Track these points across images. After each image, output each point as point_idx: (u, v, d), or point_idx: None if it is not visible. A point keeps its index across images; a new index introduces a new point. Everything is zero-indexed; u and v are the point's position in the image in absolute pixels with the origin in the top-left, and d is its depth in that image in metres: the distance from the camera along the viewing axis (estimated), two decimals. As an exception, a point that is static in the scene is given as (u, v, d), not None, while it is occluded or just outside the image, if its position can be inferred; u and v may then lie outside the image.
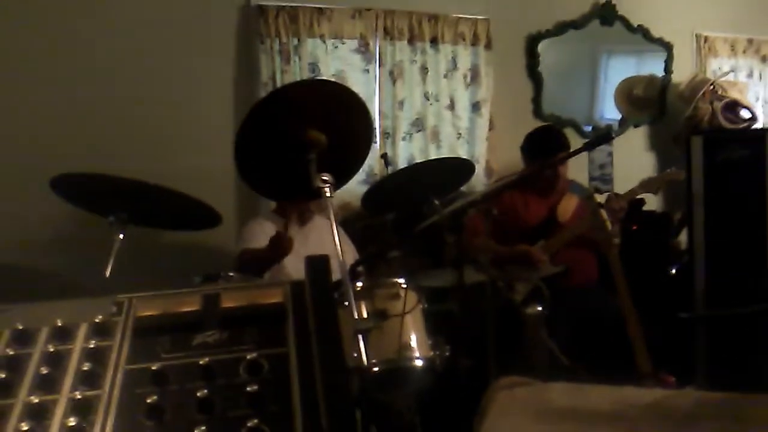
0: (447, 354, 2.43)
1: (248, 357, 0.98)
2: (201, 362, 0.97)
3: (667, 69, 4.68)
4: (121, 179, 2.27)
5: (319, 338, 1.00)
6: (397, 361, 2.35)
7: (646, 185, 3.33)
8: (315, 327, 1.02)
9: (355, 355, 1.70)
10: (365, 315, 2.37)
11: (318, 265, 1.12)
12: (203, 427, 0.88)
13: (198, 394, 0.92)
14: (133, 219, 2.35)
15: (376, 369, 2.29)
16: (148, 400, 0.92)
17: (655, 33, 4.62)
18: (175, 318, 1.07)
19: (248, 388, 0.93)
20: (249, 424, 0.88)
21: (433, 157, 3.92)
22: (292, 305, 1.09)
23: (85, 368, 0.99)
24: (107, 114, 3.35)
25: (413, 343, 2.40)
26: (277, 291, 1.12)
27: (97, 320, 1.07)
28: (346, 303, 1.78)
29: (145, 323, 1.06)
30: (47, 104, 3.25)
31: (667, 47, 4.67)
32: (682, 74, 4.66)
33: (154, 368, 0.97)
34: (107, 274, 2.25)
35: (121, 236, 2.32)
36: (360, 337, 1.74)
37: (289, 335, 1.04)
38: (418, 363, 2.39)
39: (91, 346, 1.03)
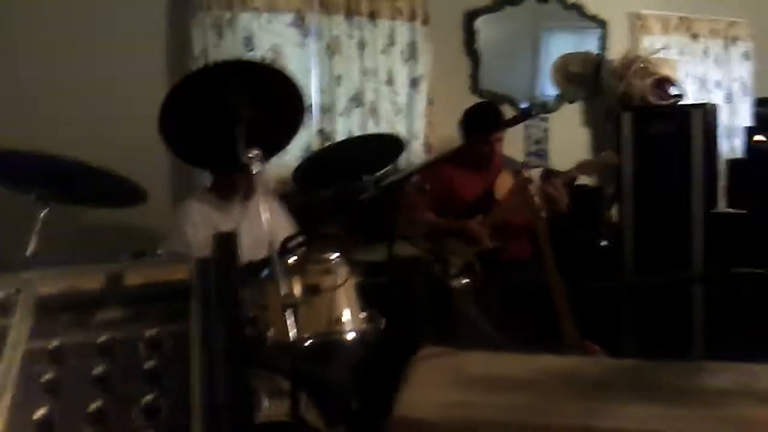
0: (380, 327, 2.47)
1: (148, 334, 0.99)
2: (99, 340, 0.98)
3: (602, 46, 4.77)
4: (41, 155, 2.21)
5: (220, 314, 1.01)
6: (329, 335, 2.38)
7: (582, 168, 3.40)
8: (216, 303, 1.03)
9: (285, 329, 1.71)
10: (297, 290, 2.39)
11: (223, 241, 1.12)
12: (98, 404, 0.89)
13: (94, 372, 0.93)
14: (56, 197, 2.30)
15: (307, 343, 2.32)
16: (45, 378, 0.92)
17: (590, 10, 4.70)
18: (77, 296, 1.07)
19: (146, 365, 0.94)
20: (145, 400, 0.90)
21: (372, 132, 3.93)
22: (197, 282, 1.10)
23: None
24: (30, 87, 3.25)
25: (345, 316, 2.43)
26: (182, 268, 1.12)
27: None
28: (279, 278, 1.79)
29: (47, 301, 1.06)
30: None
31: (602, 24, 4.75)
32: (616, 51, 4.75)
33: (51, 346, 0.97)
34: (28, 253, 2.19)
35: (43, 214, 2.27)
36: (289, 311, 1.75)
37: (192, 312, 1.05)
38: (350, 336, 2.42)
39: (-8, 323, 1.02)
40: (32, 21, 3.27)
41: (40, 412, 0.88)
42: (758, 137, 4.09)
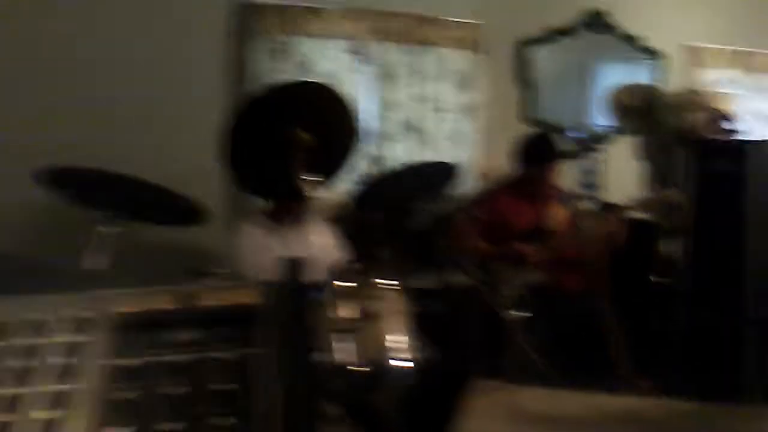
0: (430, 356, 2.45)
1: (223, 357, 1.00)
2: (177, 360, 0.99)
3: (657, 79, 4.71)
4: (106, 173, 2.27)
5: (288, 339, 1.02)
6: (380, 361, 2.37)
7: (644, 206, 3.34)
8: (284, 328, 1.04)
9: (338, 354, 1.72)
10: (350, 315, 2.39)
11: (291, 266, 1.13)
12: (177, 425, 0.89)
13: (172, 392, 0.94)
14: (120, 214, 2.35)
15: (358, 369, 2.31)
16: (126, 397, 0.94)
17: (646, 42, 4.66)
18: (153, 315, 1.09)
19: (220, 387, 0.95)
20: (223, 424, 0.90)
21: (423, 158, 3.94)
22: (265, 306, 1.11)
23: (63, 362, 1.00)
24: (96, 108, 3.35)
25: (396, 343, 2.42)
26: (251, 292, 1.13)
27: (76, 315, 1.08)
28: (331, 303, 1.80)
29: (124, 320, 1.08)
30: (34, 97, 3.25)
31: (657, 57, 4.70)
32: (671, 85, 4.68)
33: (131, 364, 0.98)
34: (91, 268, 2.24)
35: (107, 230, 2.32)
36: (343, 336, 1.76)
37: (261, 336, 1.06)
38: (401, 363, 2.40)
39: (70, 340, 1.04)
40: (96, 44, 3.37)
41: (121, 430, 0.89)
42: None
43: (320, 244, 2.98)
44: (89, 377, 0.99)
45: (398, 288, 2.49)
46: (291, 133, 2.11)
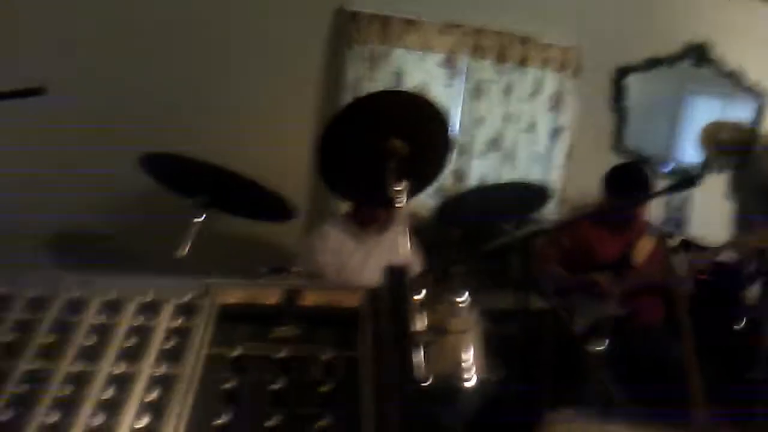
0: (501, 377, 2.42)
1: (323, 357, 1.01)
2: (278, 355, 1.00)
3: (758, 117, 4.54)
4: (206, 163, 2.33)
5: (391, 346, 1.02)
6: (451, 378, 2.35)
7: (737, 245, 3.21)
8: (387, 335, 1.04)
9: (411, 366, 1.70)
10: (422, 328, 2.38)
11: (396, 273, 1.13)
12: (276, 420, 0.90)
13: (273, 387, 0.95)
14: (214, 204, 2.42)
15: (428, 383, 2.29)
16: (226, 386, 0.95)
17: (747, 79, 4.49)
18: (257, 308, 1.11)
19: (321, 388, 0.96)
20: (320, 423, 0.90)
21: (505, 178, 3.90)
22: (367, 311, 1.12)
23: (169, 345, 1.03)
24: (199, 99, 3.46)
25: (468, 362, 2.40)
26: (354, 295, 1.14)
27: (184, 300, 1.11)
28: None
29: (228, 310, 1.10)
30: (143, 84, 3.37)
31: (759, 95, 4.53)
32: (771, 124, 4.51)
33: (233, 355, 1.00)
34: (183, 254, 2.31)
35: (200, 219, 2.38)
36: (416, 348, 1.75)
37: (361, 340, 1.06)
38: (471, 382, 2.38)
39: (177, 324, 1.07)
40: (206, 39, 3.48)
41: (220, 420, 0.90)
42: None
43: (399, 254, 2.98)
44: (191, 363, 1.01)
45: (473, 305, 2.46)
46: (386, 141, 2.12)
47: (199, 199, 2.39)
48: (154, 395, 0.95)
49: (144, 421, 0.91)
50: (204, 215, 2.40)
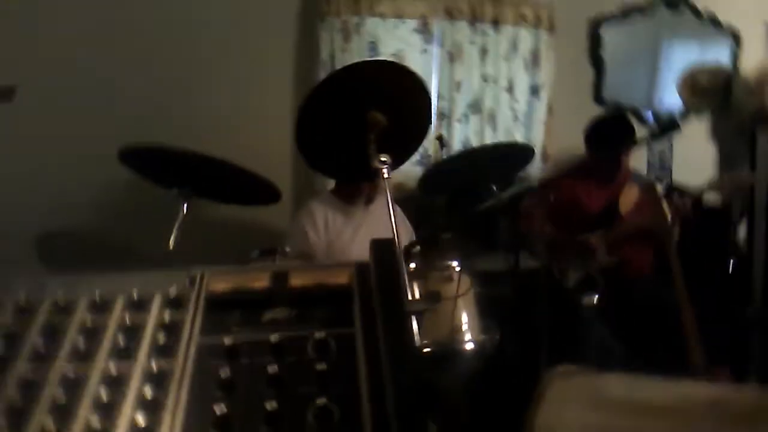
0: (497, 339, 2.44)
1: (316, 336, 1.00)
2: (271, 339, 1.00)
3: (735, 58, 4.53)
4: (187, 152, 2.31)
5: (385, 320, 1.01)
6: (448, 344, 2.37)
7: (716, 187, 3.23)
8: (380, 308, 1.03)
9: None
10: (418, 296, 2.39)
11: (384, 247, 1.13)
12: (274, 403, 0.90)
13: (269, 370, 0.95)
14: (197, 192, 2.40)
15: (427, 350, 2.31)
16: (221, 374, 0.95)
17: (724, 20, 4.47)
18: (246, 294, 1.10)
19: (317, 367, 0.96)
20: (318, 403, 0.90)
21: (488, 140, 3.88)
22: (358, 286, 1.11)
23: (160, 339, 1.03)
24: (172, 88, 3.41)
25: (465, 326, 2.42)
26: (344, 272, 1.13)
27: (171, 292, 1.10)
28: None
29: (217, 298, 1.09)
30: (117, 77, 3.33)
31: (735, 35, 4.51)
32: (750, 64, 4.49)
33: (226, 343, 1.00)
34: (171, 245, 2.30)
35: (185, 209, 2.37)
36: (412, 318, 1.75)
37: (355, 316, 1.06)
38: (469, 346, 2.40)
39: (166, 317, 1.06)
40: (175, 25, 3.43)
41: (218, 409, 0.90)
42: None
43: (388, 225, 2.98)
44: (184, 355, 1.01)
45: (465, 270, 2.48)
46: (365, 114, 2.10)
47: (183, 189, 2.37)
48: (149, 392, 0.94)
49: (141, 419, 0.91)
50: (188, 205, 2.38)
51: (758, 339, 3.77)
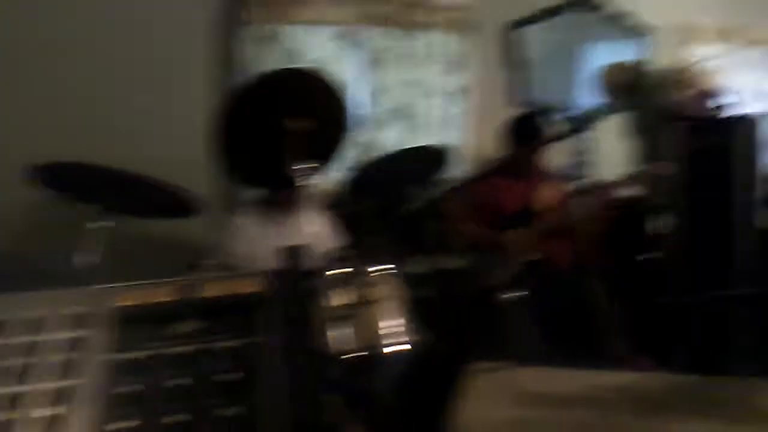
0: (426, 340, 2.46)
1: (226, 346, 1.00)
2: (180, 351, 0.99)
3: (648, 56, 4.72)
4: (101, 168, 2.26)
5: (294, 326, 1.02)
6: (376, 347, 2.38)
7: (630, 180, 3.36)
8: (289, 315, 1.04)
9: (335, 341, 1.72)
10: (345, 301, 2.40)
11: (292, 254, 1.14)
12: (182, 416, 0.90)
13: (176, 383, 0.95)
14: (116, 208, 2.35)
15: (354, 355, 2.32)
16: (130, 390, 0.94)
17: (636, 19, 4.65)
18: (154, 308, 1.09)
19: (225, 377, 0.96)
20: (227, 412, 0.91)
21: (414, 143, 3.92)
22: (269, 294, 1.12)
23: (64, 358, 1.01)
24: (83, 102, 3.32)
25: (392, 329, 2.43)
26: (255, 280, 1.14)
27: (77, 310, 1.08)
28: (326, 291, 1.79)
29: (125, 313, 1.08)
30: (22, 92, 3.22)
31: (648, 34, 4.70)
32: (662, 61, 4.69)
33: (134, 358, 0.99)
34: (87, 263, 2.24)
35: (102, 225, 2.31)
36: (339, 323, 1.76)
37: (265, 324, 1.06)
38: (398, 349, 2.42)
39: (70, 336, 1.05)
40: (85, 34, 3.34)
41: (125, 424, 0.89)
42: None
43: (314, 232, 2.98)
44: (91, 372, 0.99)
45: (392, 273, 2.50)
46: (283, 121, 2.10)
47: (100, 205, 2.32)
48: (57, 411, 0.93)
49: (47, 439, 0.89)
50: (107, 221, 2.33)
51: (678, 327, 3.95)
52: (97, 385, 0.97)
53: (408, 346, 2.41)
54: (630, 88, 4.66)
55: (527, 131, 3.46)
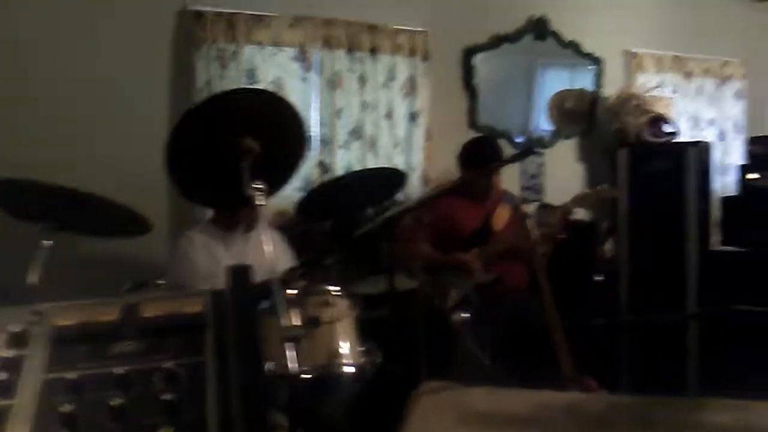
0: (378, 361, 2.47)
1: (164, 366, 1.00)
2: (117, 372, 0.99)
3: (597, 83, 4.85)
4: (49, 186, 2.23)
5: (237, 347, 1.03)
6: (328, 368, 2.38)
7: (580, 201, 3.44)
8: (233, 336, 1.05)
9: (284, 362, 1.71)
10: (296, 322, 2.39)
11: (238, 274, 1.14)
12: (116, 436, 0.90)
13: (112, 403, 0.94)
14: (62, 227, 2.32)
15: (306, 376, 2.31)
16: (63, 410, 0.93)
17: (586, 48, 4.79)
18: (93, 328, 1.09)
19: (163, 397, 0.96)
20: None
21: (370, 165, 3.96)
22: (212, 315, 1.12)
23: (2, 377, 0.99)
24: (36, 119, 3.28)
25: (344, 350, 2.44)
26: (198, 301, 1.14)
27: (13, 329, 1.07)
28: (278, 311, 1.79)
29: (63, 333, 1.07)
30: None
31: (598, 62, 4.84)
32: (611, 89, 4.83)
33: (69, 377, 0.98)
34: (33, 282, 2.20)
35: (49, 244, 2.28)
36: (289, 344, 1.76)
37: (207, 345, 1.07)
38: (348, 370, 2.42)
39: (9, 354, 1.03)
40: (41, 51, 3.30)
41: (59, 444, 0.88)
42: (752, 175, 4.15)
43: (268, 252, 2.97)
44: (26, 392, 0.98)
45: (344, 294, 2.51)
46: (237, 141, 2.11)
47: (50, 223, 2.29)
48: (-12, 431, 0.91)
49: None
50: (54, 240, 2.29)
51: (624, 348, 4.03)
52: (32, 405, 0.96)
53: (359, 367, 2.42)
54: (581, 114, 4.78)
55: (481, 155, 3.53)
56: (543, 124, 4.73)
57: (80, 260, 3.13)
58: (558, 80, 4.81)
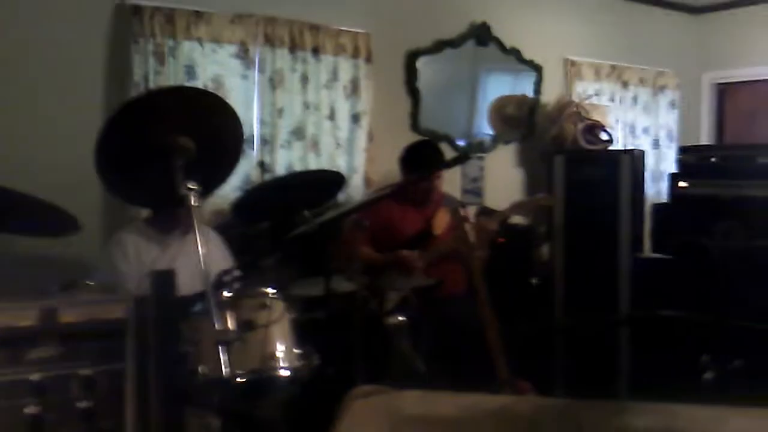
0: (314, 363, 2.46)
1: (82, 373, 0.97)
2: (32, 378, 0.96)
3: (537, 90, 4.94)
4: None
5: (158, 354, 1.01)
6: (262, 371, 2.36)
7: (518, 208, 3.50)
8: (154, 342, 1.02)
9: (218, 365, 1.69)
10: (231, 325, 2.36)
11: (161, 279, 1.12)
12: (29, 445, 0.87)
13: (27, 411, 0.91)
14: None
15: (240, 379, 2.28)
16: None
17: (527, 55, 4.87)
18: (9, 332, 1.05)
19: (80, 404, 0.93)
20: (78, 441, 0.88)
21: (312, 166, 3.94)
22: (134, 321, 1.09)
23: None
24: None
25: (279, 353, 2.42)
26: (119, 306, 1.11)
27: None
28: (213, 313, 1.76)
29: (-23, 338, 1.03)
30: None
31: (537, 69, 4.93)
32: (550, 95, 4.93)
33: (-19, 385, 0.94)
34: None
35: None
36: (222, 347, 1.73)
37: (128, 351, 1.04)
38: (284, 373, 2.40)
39: None
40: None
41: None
42: (682, 183, 4.30)
43: (204, 253, 2.92)
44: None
45: (282, 296, 2.49)
46: (171, 140, 2.06)
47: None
48: None
49: None
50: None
51: (556, 352, 4.13)
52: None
53: (295, 370, 2.40)
54: (521, 119, 4.86)
55: (423, 158, 3.55)
56: (484, 128, 4.79)
57: (6, 260, 3.02)
58: (500, 86, 4.88)
